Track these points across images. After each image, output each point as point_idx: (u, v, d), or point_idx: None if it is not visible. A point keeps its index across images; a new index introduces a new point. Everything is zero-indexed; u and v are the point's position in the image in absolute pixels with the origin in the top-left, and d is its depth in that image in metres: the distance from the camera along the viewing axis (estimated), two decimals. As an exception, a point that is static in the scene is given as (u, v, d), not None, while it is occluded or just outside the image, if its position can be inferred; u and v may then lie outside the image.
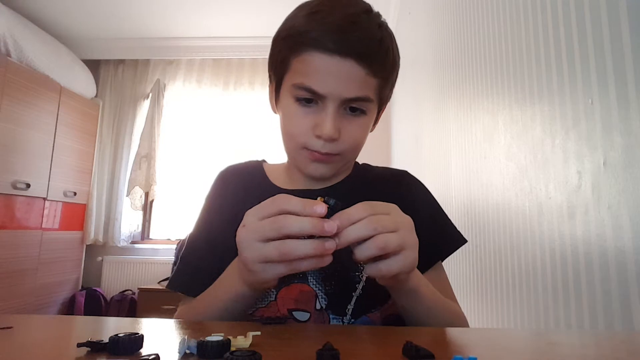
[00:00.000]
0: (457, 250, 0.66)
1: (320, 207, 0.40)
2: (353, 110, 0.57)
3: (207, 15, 3.48)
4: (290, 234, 0.40)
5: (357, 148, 0.61)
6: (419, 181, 0.72)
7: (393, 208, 0.45)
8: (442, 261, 0.66)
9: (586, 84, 0.61)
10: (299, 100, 0.56)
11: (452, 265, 1.39)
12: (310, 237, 0.41)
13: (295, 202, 0.41)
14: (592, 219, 0.59)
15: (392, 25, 3.32)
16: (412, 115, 2.42)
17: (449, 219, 0.68)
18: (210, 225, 0.66)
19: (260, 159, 0.74)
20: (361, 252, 0.41)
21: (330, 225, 0.40)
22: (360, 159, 0.72)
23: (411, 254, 0.43)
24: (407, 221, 0.45)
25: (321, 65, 0.53)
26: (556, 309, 0.70)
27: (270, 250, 0.41)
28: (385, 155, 3.49)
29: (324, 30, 0.53)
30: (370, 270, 0.43)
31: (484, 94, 1.09)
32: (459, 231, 0.67)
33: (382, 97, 0.61)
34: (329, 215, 0.41)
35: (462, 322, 0.58)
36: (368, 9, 0.57)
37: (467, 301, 1.23)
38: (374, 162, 0.76)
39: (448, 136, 1.50)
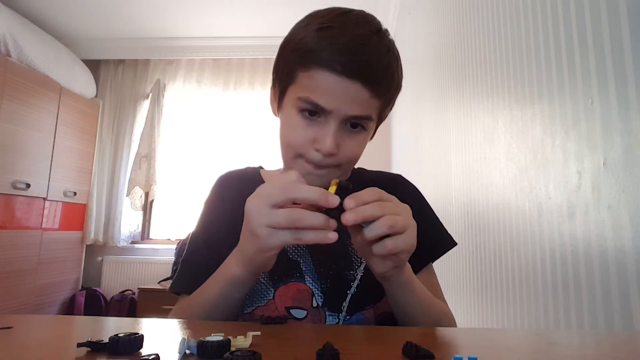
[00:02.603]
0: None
1: (333, 198, 0.43)
2: (353, 125, 0.58)
3: (207, 15, 3.48)
4: (298, 200, 0.44)
5: (354, 161, 0.62)
6: (412, 184, 0.74)
7: (394, 198, 0.49)
8: (432, 263, 0.69)
9: (586, 84, 0.61)
10: (302, 111, 0.57)
11: (452, 265, 1.39)
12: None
13: (309, 192, 0.44)
14: (592, 219, 0.59)
15: (392, 25, 3.31)
16: (412, 115, 2.42)
17: (440, 222, 0.71)
18: (210, 229, 0.68)
19: (257, 165, 0.76)
20: (371, 231, 0.44)
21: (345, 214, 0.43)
22: (361, 160, 0.73)
23: (413, 234, 0.47)
24: (406, 208, 0.49)
25: (328, 84, 0.54)
26: (556, 309, 0.70)
27: (279, 216, 0.43)
28: (385, 156, 3.48)
29: (334, 51, 0.53)
30: (377, 248, 0.46)
31: (484, 94, 1.09)
32: (449, 234, 0.70)
33: (382, 116, 0.63)
34: (341, 196, 0.44)
35: (449, 320, 0.60)
36: (378, 28, 0.57)
37: (467, 301, 1.23)
38: (374, 162, 0.77)
39: (448, 136, 1.50)
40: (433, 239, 0.67)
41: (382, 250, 0.45)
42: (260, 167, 0.75)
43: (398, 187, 0.71)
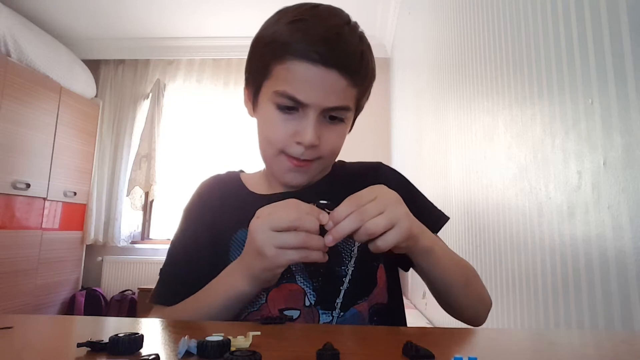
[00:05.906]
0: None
1: (324, 216, 0.47)
2: (332, 118, 0.58)
3: (207, 15, 3.48)
4: (301, 230, 0.47)
5: (335, 154, 0.62)
6: (395, 170, 0.74)
7: (378, 190, 0.49)
8: None
9: (586, 84, 0.61)
10: (280, 107, 0.57)
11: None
12: None
13: (311, 224, 0.47)
14: (592, 219, 0.59)
15: (392, 25, 3.32)
16: (412, 115, 2.42)
17: (428, 200, 0.71)
18: (188, 237, 0.67)
19: (237, 169, 0.76)
20: (357, 237, 0.47)
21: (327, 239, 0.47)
22: (361, 160, 0.73)
23: (403, 225, 0.47)
24: (393, 198, 0.49)
25: (305, 74, 0.54)
26: (556, 309, 0.70)
27: (290, 238, 0.46)
28: (386, 156, 3.47)
29: (308, 41, 0.54)
30: (371, 247, 0.48)
31: (484, 94, 1.09)
32: (440, 209, 0.70)
33: (359, 106, 0.63)
34: None
35: (475, 276, 0.61)
36: (348, 20, 0.58)
37: (467, 301, 1.23)
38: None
39: (448, 136, 1.50)
40: (428, 218, 0.67)
41: (374, 250, 0.47)
42: (241, 171, 0.75)
43: (381, 175, 0.70)
